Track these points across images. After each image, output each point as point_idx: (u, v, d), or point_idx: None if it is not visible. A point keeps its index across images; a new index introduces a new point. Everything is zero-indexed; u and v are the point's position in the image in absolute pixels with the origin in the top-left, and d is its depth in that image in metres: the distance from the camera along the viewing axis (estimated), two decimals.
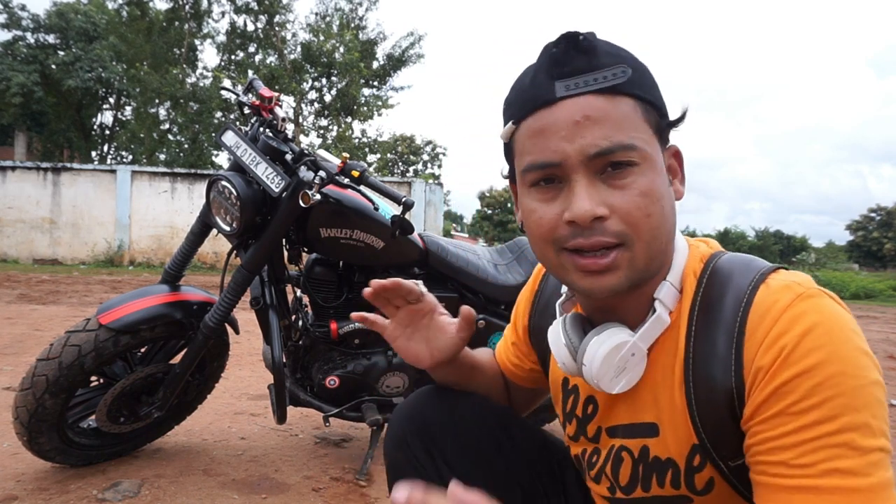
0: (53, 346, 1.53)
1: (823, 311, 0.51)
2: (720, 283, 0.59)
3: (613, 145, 0.54)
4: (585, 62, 0.55)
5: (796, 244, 44.30)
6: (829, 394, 0.48)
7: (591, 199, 0.54)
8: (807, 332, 0.50)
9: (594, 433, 0.71)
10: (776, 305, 0.53)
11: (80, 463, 1.69)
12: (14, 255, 10.90)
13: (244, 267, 1.63)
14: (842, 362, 0.49)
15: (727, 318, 0.56)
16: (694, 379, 0.58)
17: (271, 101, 1.66)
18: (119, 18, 17.73)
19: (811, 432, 0.48)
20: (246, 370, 3.14)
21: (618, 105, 0.55)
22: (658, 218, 0.55)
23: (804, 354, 0.50)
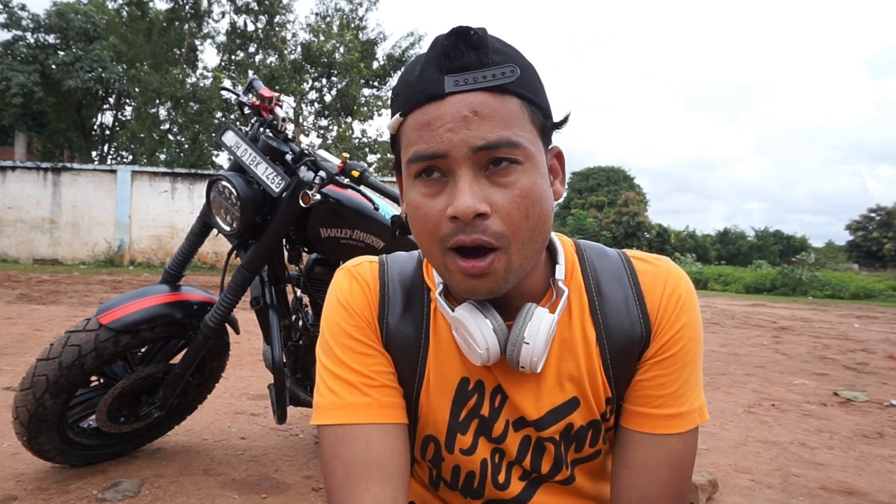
0: (53, 346, 1.53)
1: (685, 278, 0.67)
2: (597, 259, 0.69)
3: (499, 140, 0.54)
4: (475, 58, 0.55)
5: (796, 244, 44.28)
6: (697, 340, 0.65)
7: (475, 195, 0.54)
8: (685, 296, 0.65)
9: (501, 430, 0.68)
10: (662, 271, 0.67)
11: (80, 463, 1.69)
12: (14, 255, 10.90)
13: (244, 267, 1.63)
14: (698, 315, 0.67)
15: (620, 279, 0.67)
16: (608, 335, 0.65)
17: (271, 101, 1.66)
18: (119, 18, 17.74)
19: (685, 371, 0.64)
20: (246, 370, 3.14)
21: (505, 103, 0.55)
22: (536, 219, 0.57)
23: (684, 312, 0.65)
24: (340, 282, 0.70)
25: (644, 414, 0.64)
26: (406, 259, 0.73)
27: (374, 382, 0.66)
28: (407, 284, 0.70)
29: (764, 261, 24.87)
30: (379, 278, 0.70)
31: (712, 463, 2.06)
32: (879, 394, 3.33)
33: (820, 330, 6.46)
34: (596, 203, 44.81)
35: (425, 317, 0.68)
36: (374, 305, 0.69)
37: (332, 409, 0.66)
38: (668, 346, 0.64)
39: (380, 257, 0.73)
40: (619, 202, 42.29)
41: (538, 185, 0.57)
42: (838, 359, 4.54)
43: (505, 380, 0.67)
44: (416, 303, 0.69)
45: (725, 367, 3.96)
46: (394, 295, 0.69)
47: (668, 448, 0.63)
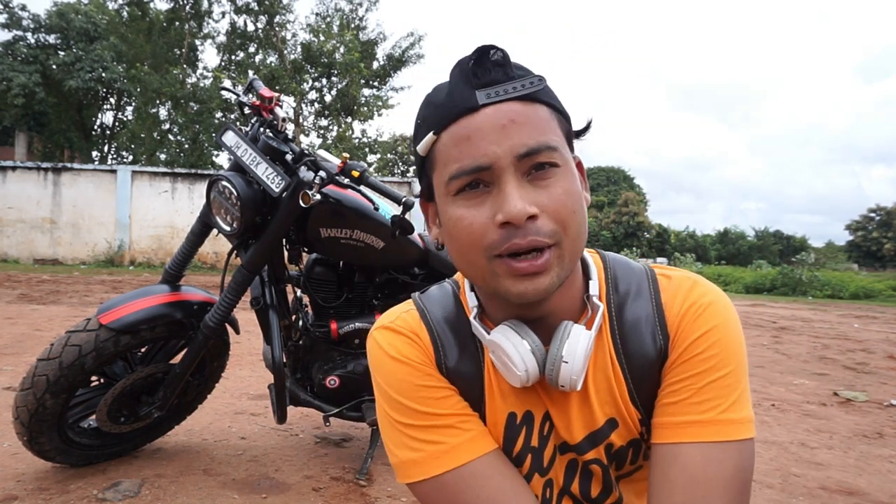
0: (54, 346, 1.53)
1: (714, 291, 0.65)
2: (622, 275, 0.68)
3: (540, 145, 0.56)
4: (502, 73, 0.57)
5: (796, 244, 44.26)
6: (723, 347, 0.61)
7: (524, 198, 0.55)
8: (709, 304, 0.63)
9: (550, 458, 0.67)
10: (685, 284, 0.66)
11: (80, 463, 1.69)
12: (14, 255, 10.91)
13: (244, 267, 1.63)
14: (731, 326, 0.63)
15: (642, 297, 0.66)
16: (626, 350, 0.64)
17: (271, 101, 1.66)
18: (119, 19, 17.74)
19: (707, 377, 0.60)
20: (246, 370, 3.14)
21: (537, 111, 0.57)
22: (581, 216, 0.58)
23: (707, 319, 0.62)
24: (385, 341, 0.67)
25: (662, 424, 0.61)
26: (442, 296, 0.72)
27: (468, 416, 0.65)
28: (454, 323, 0.69)
29: (764, 261, 24.86)
30: (425, 325, 0.68)
31: None
32: (879, 394, 3.33)
33: (820, 330, 6.46)
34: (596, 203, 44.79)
35: (480, 352, 0.67)
36: (430, 354, 0.67)
37: (438, 458, 0.62)
38: (689, 351, 0.62)
39: (415, 301, 0.72)
40: (618, 202, 42.26)
41: (576, 185, 0.59)
42: (838, 359, 4.54)
43: (551, 405, 0.66)
44: (469, 340, 0.68)
45: None
46: (445, 338, 0.68)
47: (689, 460, 0.57)
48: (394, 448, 0.66)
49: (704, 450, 0.57)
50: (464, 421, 0.64)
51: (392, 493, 1.68)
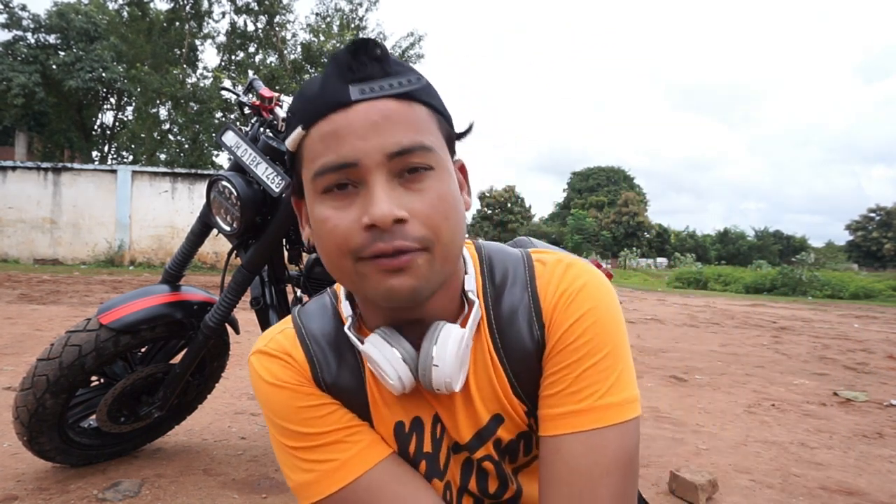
0: (54, 346, 1.53)
1: (588, 273, 0.63)
2: (498, 265, 0.66)
3: (414, 144, 0.53)
4: (379, 69, 0.54)
5: (796, 244, 44.27)
6: (597, 331, 0.59)
7: (391, 200, 0.52)
8: (581, 288, 0.61)
9: (445, 460, 0.66)
10: (558, 269, 0.63)
11: (80, 463, 1.69)
12: (15, 255, 10.91)
13: (244, 267, 1.63)
14: (605, 307, 0.61)
15: (517, 286, 0.64)
16: (504, 343, 0.63)
17: (271, 101, 1.66)
18: (120, 19, 17.75)
19: (582, 364, 0.59)
20: (246, 370, 3.14)
21: (414, 110, 0.54)
22: (455, 222, 0.56)
23: (579, 304, 0.60)
24: (260, 366, 0.64)
25: (542, 417, 0.60)
26: (319, 308, 0.69)
27: (356, 428, 0.63)
28: (331, 335, 0.66)
29: (764, 261, 24.88)
30: (300, 342, 0.65)
31: (712, 463, 2.06)
32: (879, 394, 3.33)
33: (820, 330, 6.46)
34: (596, 203, 44.79)
35: (360, 362, 0.65)
36: (307, 373, 0.64)
37: (331, 476, 0.61)
38: (563, 340, 0.60)
39: (293, 318, 0.68)
40: (618, 202, 42.28)
41: (452, 190, 0.56)
42: (838, 359, 4.54)
43: (439, 406, 0.65)
44: (348, 352, 0.65)
45: (725, 367, 3.96)
46: (321, 353, 0.65)
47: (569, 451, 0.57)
48: (288, 472, 0.63)
49: (584, 439, 0.57)
50: (352, 434, 0.63)
51: None
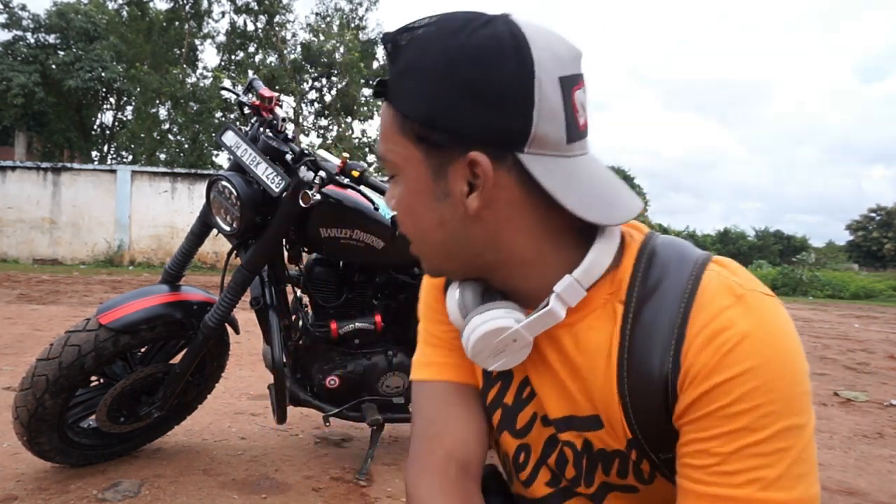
0: (53, 346, 1.53)
1: (764, 314, 0.49)
2: (658, 273, 0.55)
3: (378, 152, 0.59)
4: (389, 66, 0.56)
5: (796, 244, 44.26)
6: (762, 400, 0.46)
7: (388, 194, 0.61)
8: (744, 338, 0.48)
9: (525, 423, 0.65)
10: (717, 303, 0.50)
11: (80, 463, 1.69)
12: (14, 255, 10.90)
13: (244, 267, 1.63)
14: (778, 368, 0.47)
15: (669, 309, 0.52)
16: (629, 369, 0.54)
17: (271, 101, 1.66)
18: (119, 18, 17.75)
19: (739, 440, 0.47)
20: (246, 370, 3.14)
21: (386, 114, 0.57)
22: (411, 228, 0.59)
23: (741, 357, 0.47)
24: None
25: (684, 489, 0.51)
26: None
27: (452, 346, 0.69)
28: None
29: (764, 261, 24.86)
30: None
31: None
32: (879, 394, 3.33)
33: (820, 330, 6.45)
34: None
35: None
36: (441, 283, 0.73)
37: (417, 367, 0.70)
38: (704, 403, 0.48)
39: None
40: None
41: (407, 198, 0.57)
42: (838, 359, 4.54)
43: (533, 370, 0.62)
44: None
45: None
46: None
47: None
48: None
49: None
50: (446, 348, 0.69)
51: (392, 493, 1.67)
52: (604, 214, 0.54)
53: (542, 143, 0.51)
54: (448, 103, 0.51)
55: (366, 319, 1.76)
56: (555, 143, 0.51)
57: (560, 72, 0.51)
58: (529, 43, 0.50)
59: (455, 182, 0.53)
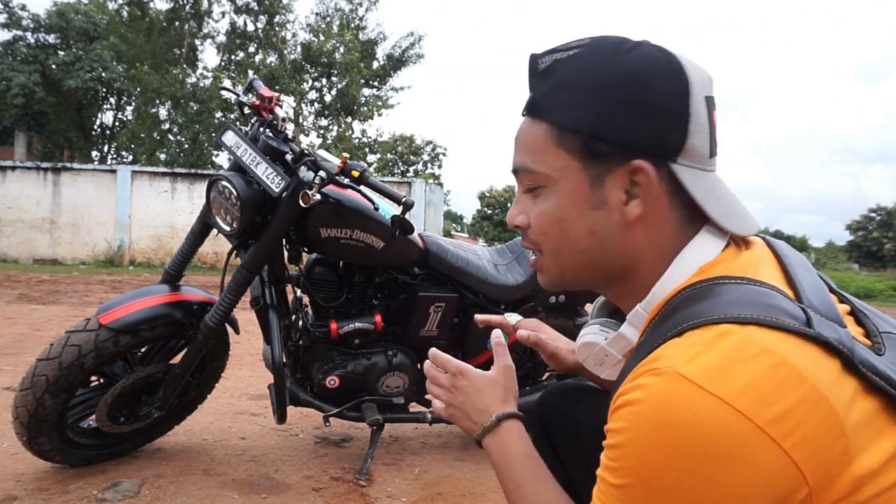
0: (53, 346, 1.53)
1: (653, 396, 0.46)
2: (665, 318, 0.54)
3: (517, 166, 0.62)
4: (536, 83, 0.60)
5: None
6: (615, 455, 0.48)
7: (514, 208, 0.64)
8: (626, 404, 0.48)
9: None
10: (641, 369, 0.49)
11: (80, 463, 1.69)
12: (14, 255, 10.90)
13: (244, 267, 1.63)
14: (631, 444, 0.46)
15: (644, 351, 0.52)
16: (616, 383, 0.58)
17: (271, 101, 1.66)
18: (119, 18, 17.73)
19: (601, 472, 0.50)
20: (246, 370, 3.14)
21: (533, 129, 0.60)
22: (556, 239, 0.60)
23: (615, 418, 0.49)
24: None
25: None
26: None
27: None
28: None
29: None
30: None
31: None
32: None
33: None
34: None
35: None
36: None
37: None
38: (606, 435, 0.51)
39: None
40: None
41: (558, 209, 0.59)
42: None
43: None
44: None
45: None
46: None
47: None
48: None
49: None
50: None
51: (392, 492, 1.68)
52: (739, 225, 0.57)
53: (691, 156, 0.56)
54: (613, 115, 0.55)
55: (366, 319, 1.76)
56: (700, 157, 0.56)
57: (706, 92, 0.56)
58: (682, 64, 0.56)
59: (612, 190, 0.57)
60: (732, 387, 0.43)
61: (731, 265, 0.56)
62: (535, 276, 1.91)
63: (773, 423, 0.42)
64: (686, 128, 0.55)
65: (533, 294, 1.95)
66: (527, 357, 2.10)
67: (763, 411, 0.42)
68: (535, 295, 1.95)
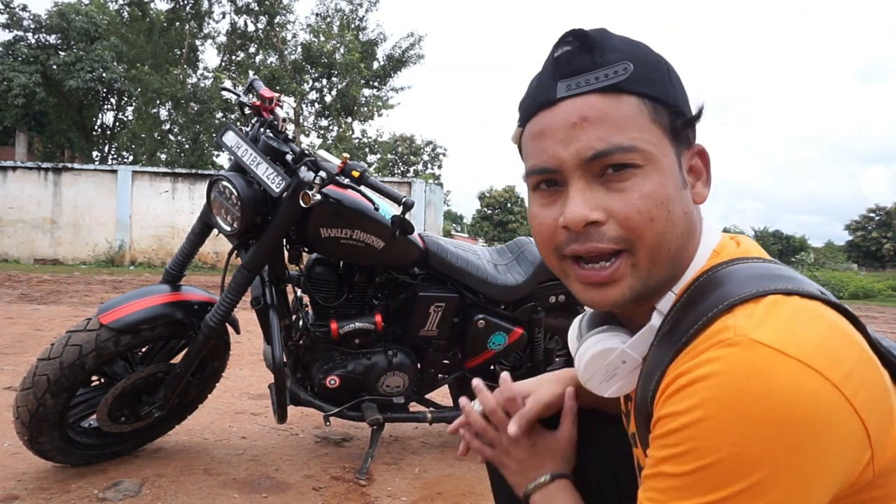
0: (54, 346, 1.53)
1: (739, 366, 0.44)
2: (692, 300, 0.53)
3: (610, 147, 0.51)
4: (588, 60, 0.53)
5: (795, 244, 44.32)
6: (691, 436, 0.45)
7: (586, 203, 0.52)
8: (696, 380, 0.46)
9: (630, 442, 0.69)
10: (701, 346, 0.48)
11: (80, 462, 1.69)
12: (15, 255, 10.91)
13: (245, 267, 1.64)
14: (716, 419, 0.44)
15: (678, 336, 0.51)
16: (639, 385, 0.57)
17: (272, 101, 1.66)
18: (120, 19, 17.75)
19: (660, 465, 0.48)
20: (246, 370, 3.14)
21: (620, 105, 0.52)
22: (663, 223, 0.52)
23: (681, 399, 0.47)
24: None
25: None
26: None
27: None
28: None
29: None
30: None
31: None
32: None
33: None
34: None
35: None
36: None
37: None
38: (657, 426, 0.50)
39: None
40: None
41: (663, 186, 0.52)
42: None
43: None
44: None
45: None
46: None
47: None
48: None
49: None
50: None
51: (392, 492, 1.68)
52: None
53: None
54: (682, 95, 0.55)
55: (366, 319, 1.76)
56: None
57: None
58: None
59: (686, 172, 0.56)
60: (806, 348, 0.43)
61: (737, 249, 0.57)
62: (534, 275, 1.91)
63: (845, 381, 0.43)
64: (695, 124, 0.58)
65: (532, 294, 1.95)
66: (527, 357, 2.11)
67: (835, 370, 0.43)
68: (535, 295, 1.96)
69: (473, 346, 1.90)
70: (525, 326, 1.95)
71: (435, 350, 1.90)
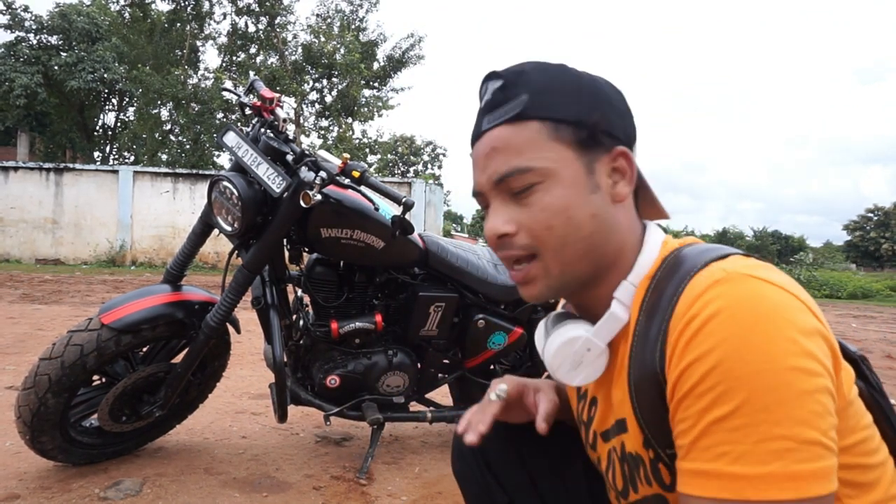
0: (56, 346, 1.54)
1: (736, 296, 0.50)
2: (668, 273, 0.59)
3: (510, 169, 0.61)
4: (501, 96, 0.62)
5: (794, 244, 44.29)
6: (721, 378, 0.48)
7: (498, 218, 0.63)
8: (711, 317, 0.50)
9: (592, 439, 0.71)
10: (696, 289, 0.53)
11: (82, 462, 1.70)
12: (17, 255, 10.93)
13: (245, 267, 1.64)
14: (739, 348, 0.48)
15: (664, 304, 0.56)
16: (633, 365, 0.59)
17: (272, 101, 1.67)
18: (121, 20, 17.78)
19: (707, 416, 0.49)
20: (247, 369, 3.15)
21: (521, 131, 0.61)
22: (562, 228, 0.60)
23: (703, 339, 0.50)
24: None
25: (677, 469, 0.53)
26: None
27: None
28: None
29: None
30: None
31: None
32: None
33: None
34: None
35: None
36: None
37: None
38: (680, 384, 0.51)
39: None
40: None
41: (563, 198, 0.60)
42: None
43: (598, 388, 0.70)
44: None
45: None
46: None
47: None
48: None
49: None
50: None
51: (392, 491, 1.68)
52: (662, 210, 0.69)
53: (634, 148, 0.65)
54: (597, 109, 0.62)
55: (366, 319, 1.77)
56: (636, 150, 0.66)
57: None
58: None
59: (601, 175, 0.62)
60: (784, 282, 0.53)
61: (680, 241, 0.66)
62: None
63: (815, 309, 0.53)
64: (634, 125, 0.66)
65: None
66: (527, 357, 2.11)
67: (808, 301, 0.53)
68: None
69: (473, 345, 1.91)
70: (525, 326, 1.96)
71: (435, 350, 1.91)
